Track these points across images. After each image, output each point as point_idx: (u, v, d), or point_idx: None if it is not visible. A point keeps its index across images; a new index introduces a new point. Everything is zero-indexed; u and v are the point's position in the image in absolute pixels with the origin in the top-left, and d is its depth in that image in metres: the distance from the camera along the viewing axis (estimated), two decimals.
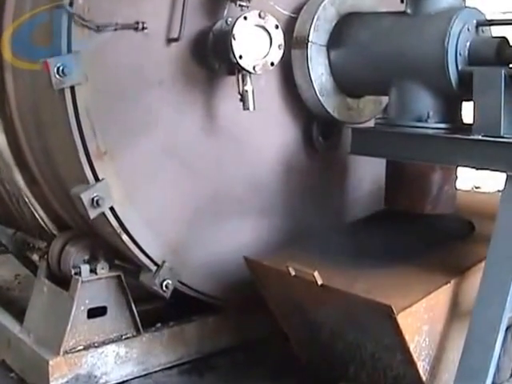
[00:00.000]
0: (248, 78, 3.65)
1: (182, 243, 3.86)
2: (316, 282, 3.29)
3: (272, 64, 3.67)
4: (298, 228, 4.17)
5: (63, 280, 3.95)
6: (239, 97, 3.67)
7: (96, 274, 3.85)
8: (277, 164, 4.13)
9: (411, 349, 3.17)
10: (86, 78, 3.42)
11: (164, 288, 3.77)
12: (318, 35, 3.98)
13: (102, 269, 3.86)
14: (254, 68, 3.60)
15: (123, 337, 3.91)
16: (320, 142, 4.24)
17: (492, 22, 3.65)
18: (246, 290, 3.89)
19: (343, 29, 4.01)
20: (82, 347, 3.80)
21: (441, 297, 3.28)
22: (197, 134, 3.83)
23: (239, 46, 3.55)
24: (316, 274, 3.30)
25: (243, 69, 3.59)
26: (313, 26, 3.96)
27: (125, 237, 3.67)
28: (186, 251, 3.88)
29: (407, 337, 3.14)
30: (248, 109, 3.66)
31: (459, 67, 3.50)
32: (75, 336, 3.79)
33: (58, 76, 3.34)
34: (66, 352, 3.74)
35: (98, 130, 3.49)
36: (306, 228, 4.14)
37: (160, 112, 3.69)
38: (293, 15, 4.03)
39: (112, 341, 3.88)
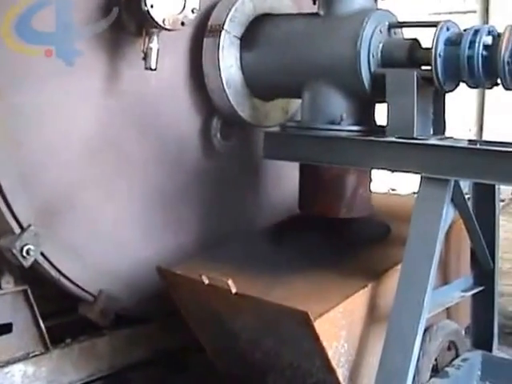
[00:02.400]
0: (155, 37, 3.54)
1: (54, 212, 3.57)
2: (230, 290, 3.22)
3: (182, 24, 3.55)
4: (203, 233, 4.05)
5: None
6: (142, 55, 3.53)
7: (1, 288, 3.64)
8: (173, 157, 3.96)
9: (329, 355, 3.14)
10: None
11: (24, 254, 3.44)
12: (233, 26, 3.87)
13: (7, 283, 3.66)
14: (163, 21, 3.48)
15: (30, 355, 3.72)
16: (218, 139, 4.10)
17: (404, 24, 3.68)
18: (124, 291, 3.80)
19: (258, 27, 3.93)
20: None
21: (358, 301, 3.26)
22: (92, 95, 3.61)
23: None
24: (230, 282, 3.22)
25: (152, 19, 3.45)
26: (229, 16, 3.86)
27: None
28: (57, 222, 3.60)
29: (325, 343, 3.10)
30: (150, 68, 3.53)
31: (372, 69, 3.48)
32: None
33: None
34: None
35: None
36: (212, 234, 4.03)
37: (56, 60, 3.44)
38: (212, 5, 3.93)
39: (18, 360, 3.67)
